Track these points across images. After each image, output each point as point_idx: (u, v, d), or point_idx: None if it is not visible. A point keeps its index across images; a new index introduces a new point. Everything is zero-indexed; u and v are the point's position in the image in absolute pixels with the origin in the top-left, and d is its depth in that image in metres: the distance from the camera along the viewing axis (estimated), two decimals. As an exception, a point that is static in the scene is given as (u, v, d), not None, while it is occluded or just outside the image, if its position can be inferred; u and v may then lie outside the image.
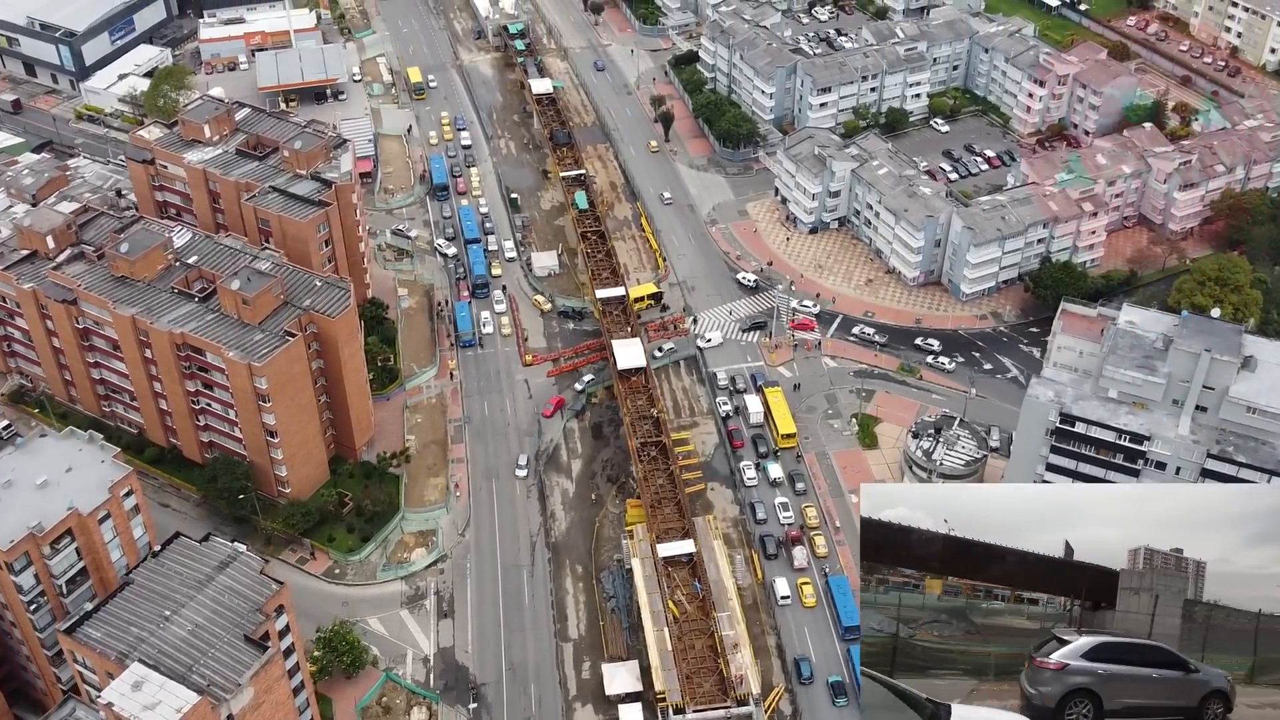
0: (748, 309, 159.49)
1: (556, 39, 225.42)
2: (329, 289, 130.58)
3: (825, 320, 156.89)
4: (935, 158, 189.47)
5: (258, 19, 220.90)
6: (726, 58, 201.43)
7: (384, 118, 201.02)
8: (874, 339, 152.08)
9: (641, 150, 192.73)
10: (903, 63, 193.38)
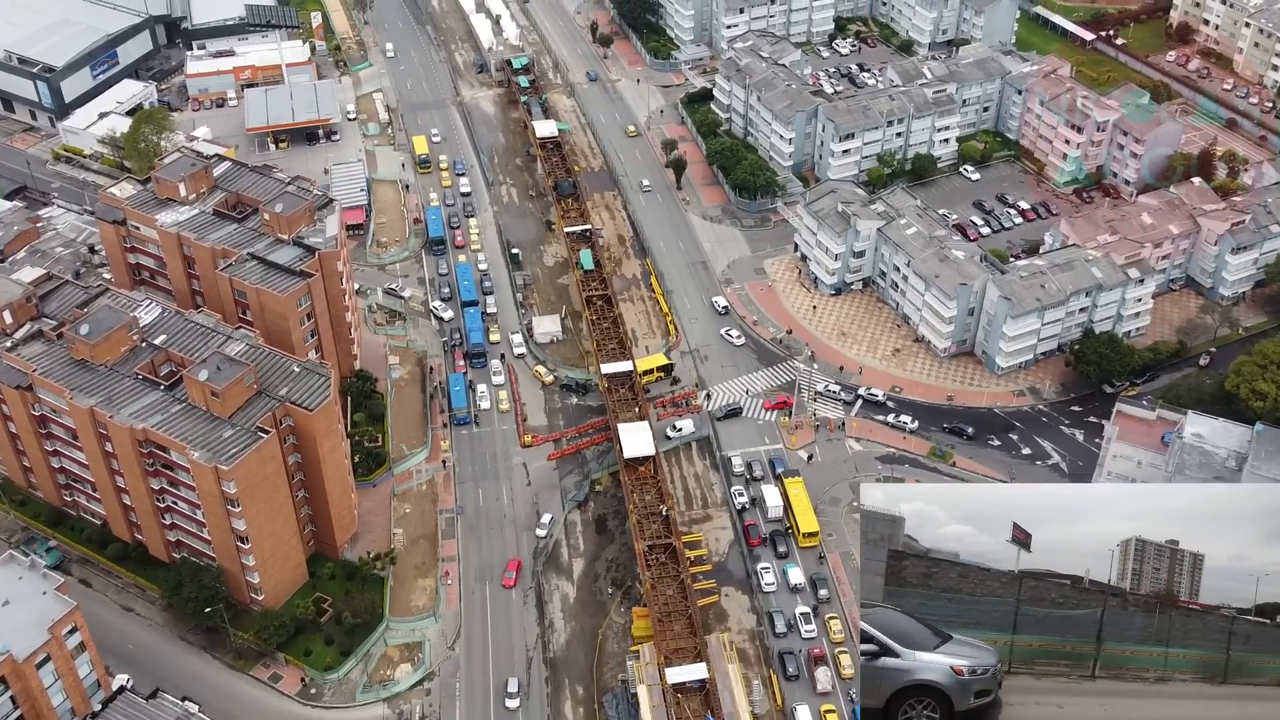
0: (765, 382, 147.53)
1: (563, 73, 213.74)
2: (308, 376, 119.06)
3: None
4: (965, 209, 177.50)
5: (248, 51, 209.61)
6: (743, 98, 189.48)
7: (379, 161, 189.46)
8: (904, 425, 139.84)
9: (651, 198, 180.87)
10: (931, 106, 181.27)
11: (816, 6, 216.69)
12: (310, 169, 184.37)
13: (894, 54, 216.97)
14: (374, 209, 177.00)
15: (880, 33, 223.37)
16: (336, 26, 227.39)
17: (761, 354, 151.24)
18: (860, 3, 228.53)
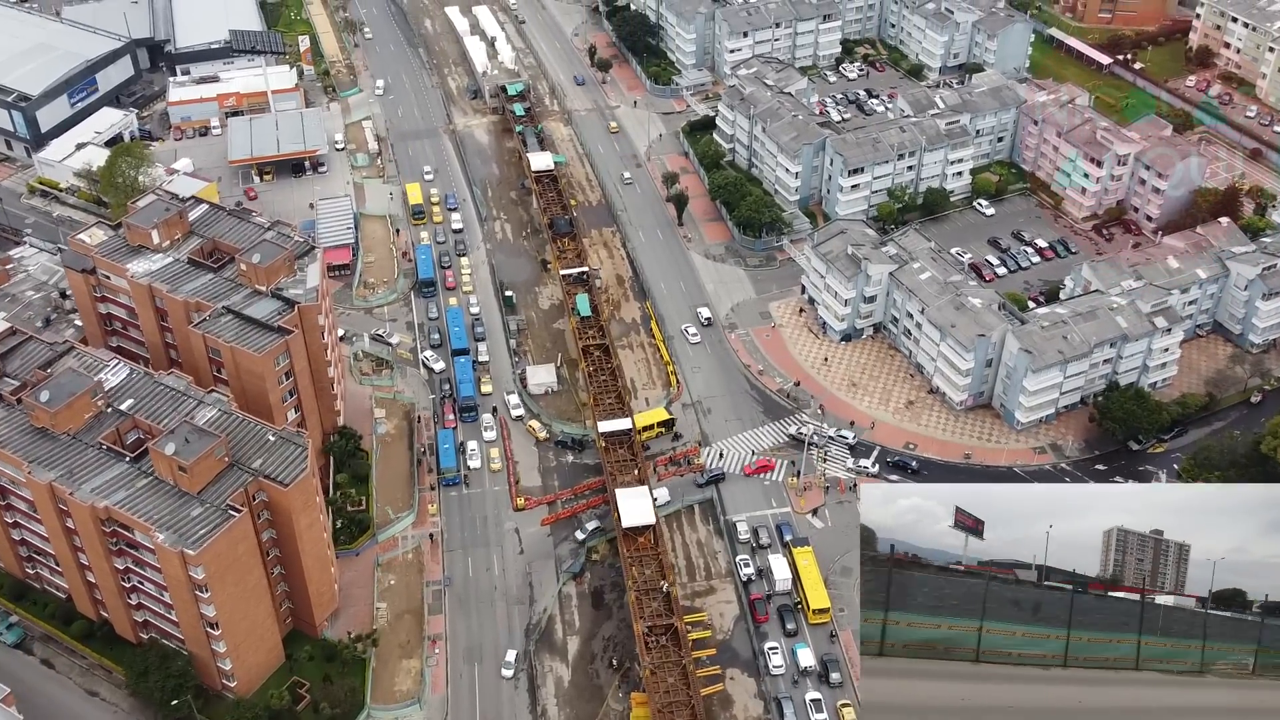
0: (771, 438, 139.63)
1: (560, 100, 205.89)
2: (284, 446, 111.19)
3: (862, 452, 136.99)
4: (980, 246, 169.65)
5: (233, 77, 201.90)
6: (747, 128, 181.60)
7: (367, 194, 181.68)
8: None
9: (652, 235, 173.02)
10: (943, 138, 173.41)
11: (822, 30, 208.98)
12: (296, 203, 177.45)
13: (903, 78, 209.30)
14: (361, 247, 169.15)
15: (889, 56, 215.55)
16: (326, 49, 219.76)
17: (768, 406, 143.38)
18: (868, 25, 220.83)
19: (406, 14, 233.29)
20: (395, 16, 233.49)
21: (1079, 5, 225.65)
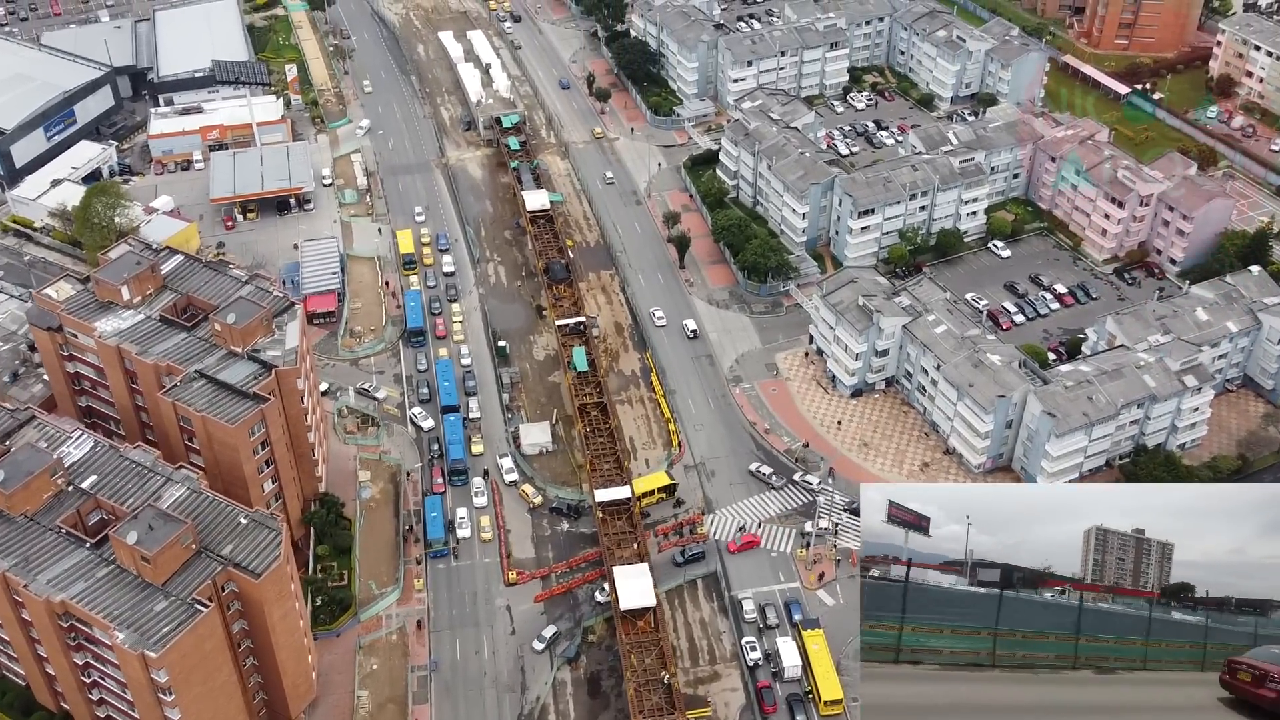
0: (778, 504, 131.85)
1: (557, 131, 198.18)
2: (256, 530, 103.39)
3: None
4: (996, 290, 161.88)
5: (217, 108, 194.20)
6: (751, 165, 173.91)
7: (355, 234, 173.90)
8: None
9: (652, 278, 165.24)
10: (957, 177, 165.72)
11: (829, 58, 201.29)
12: (280, 242, 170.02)
13: (913, 108, 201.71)
14: (348, 292, 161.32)
15: (898, 85, 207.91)
16: (315, 76, 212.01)
17: (776, 469, 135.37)
18: (876, 52, 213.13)
19: (399, 39, 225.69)
20: (386, 41, 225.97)
21: (1094, 31, 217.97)
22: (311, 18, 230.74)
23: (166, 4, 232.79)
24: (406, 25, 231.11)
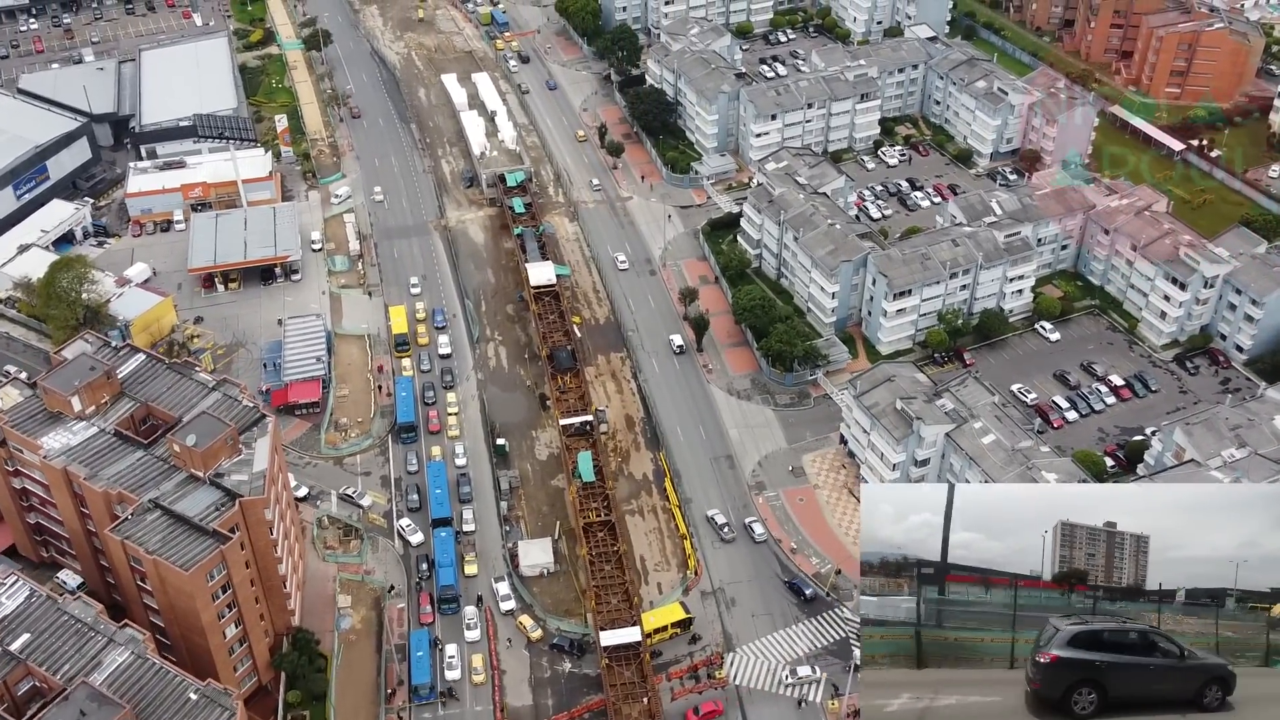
0: (807, 641, 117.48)
1: (565, 188, 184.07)
2: (207, 709, 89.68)
3: None
4: (1044, 380, 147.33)
5: (201, 163, 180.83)
6: (776, 235, 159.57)
7: (345, 307, 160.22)
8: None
9: (667, 363, 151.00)
10: (1002, 253, 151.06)
11: (860, 110, 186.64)
12: (263, 317, 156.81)
13: (950, 164, 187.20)
14: (334, 377, 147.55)
15: (933, 138, 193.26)
16: (308, 123, 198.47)
17: (804, 598, 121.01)
18: (909, 101, 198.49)
19: (399, 81, 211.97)
20: (386, 84, 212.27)
21: (1144, 78, 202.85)
22: (308, 57, 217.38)
23: (154, 42, 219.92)
24: (408, 66, 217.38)
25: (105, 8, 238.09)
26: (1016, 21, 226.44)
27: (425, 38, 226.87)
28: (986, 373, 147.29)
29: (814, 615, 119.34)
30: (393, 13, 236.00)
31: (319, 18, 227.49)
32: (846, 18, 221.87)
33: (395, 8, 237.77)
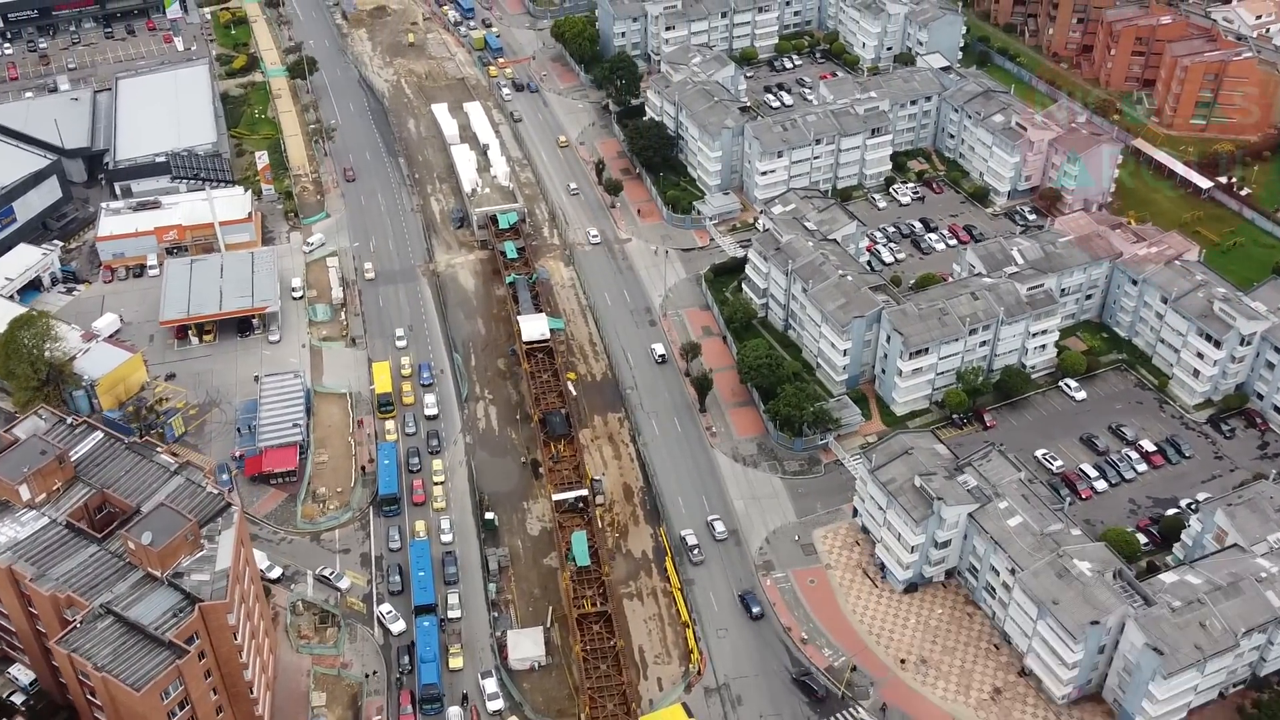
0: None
1: (561, 229, 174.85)
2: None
3: None
4: (1071, 445, 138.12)
5: (178, 202, 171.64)
6: (783, 285, 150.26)
7: (325, 363, 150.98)
8: None
9: (667, 424, 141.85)
10: (1024, 306, 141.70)
11: (870, 146, 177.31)
12: (238, 372, 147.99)
13: (965, 202, 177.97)
14: (312, 441, 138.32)
15: (948, 173, 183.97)
16: (291, 156, 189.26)
17: (815, 698, 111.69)
18: (922, 134, 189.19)
19: (388, 111, 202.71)
20: (374, 113, 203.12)
21: (1167, 109, 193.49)
22: (293, 85, 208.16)
23: (133, 69, 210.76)
24: (397, 95, 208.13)
25: (84, 31, 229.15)
26: (1032, 46, 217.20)
27: (416, 64, 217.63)
28: (1009, 436, 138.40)
29: (827, 717, 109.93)
30: (382, 37, 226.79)
31: (305, 43, 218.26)
32: (855, 43, 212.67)
33: (385, 31, 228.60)
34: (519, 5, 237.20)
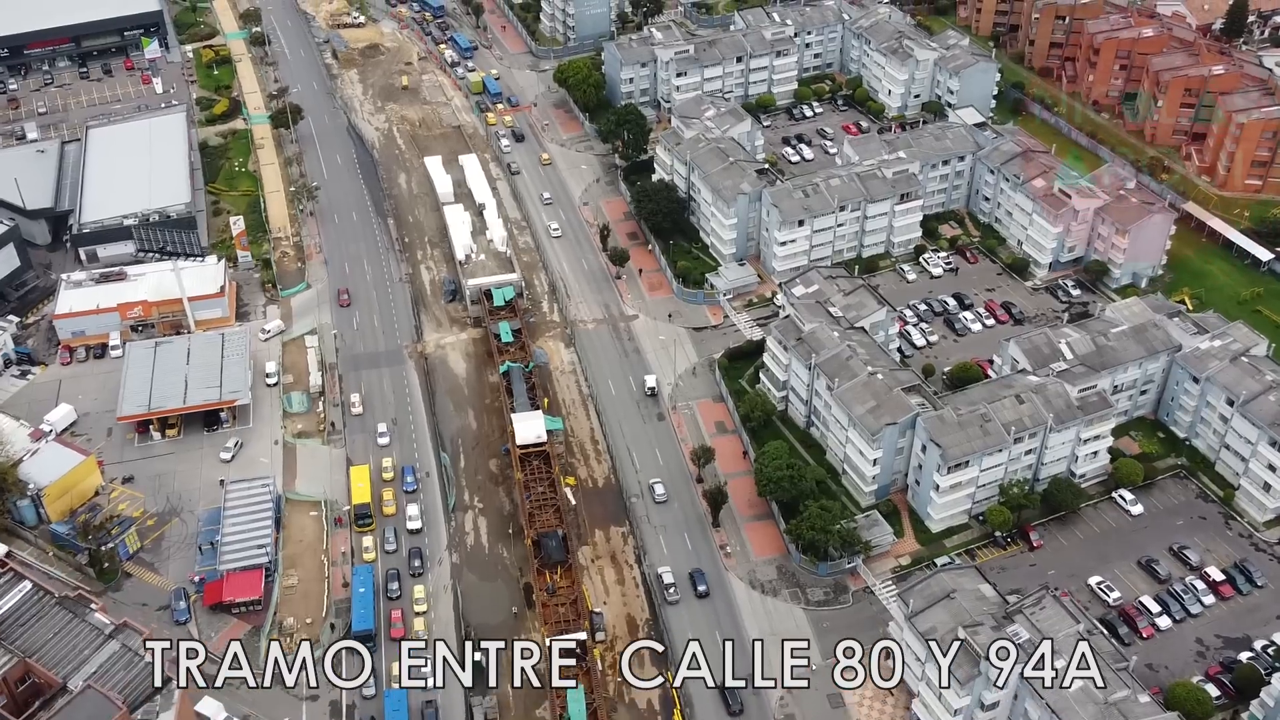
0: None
1: (561, 302, 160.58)
2: None
3: None
4: (1128, 569, 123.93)
5: (144, 274, 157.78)
6: (806, 380, 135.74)
7: (300, 463, 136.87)
8: None
9: (677, 542, 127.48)
10: (1075, 411, 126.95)
11: (899, 212, 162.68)
12: (203, 474, 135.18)
13: (1002, 274, 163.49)
14: (280, 560, 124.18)
15: (982, 240, 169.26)
16: (272, 215, 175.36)
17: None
18: (955, 195, 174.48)
19: (377, 164, 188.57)
20: (363, 165, 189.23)
21: (1219, 167, 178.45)
22: (276, 135, 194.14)
23: (106, 116, 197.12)
24: (388, 145, 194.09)
25: (57, 71, 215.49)
26: (1070, 93, 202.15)
27: (409, 109, 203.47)
28: (1058, 558, 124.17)
29: None
30: (374, 78, 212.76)
31: (292, 87, 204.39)
32: (880, 90, 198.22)
33: (377, 72, 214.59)
34: (521, 44, 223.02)
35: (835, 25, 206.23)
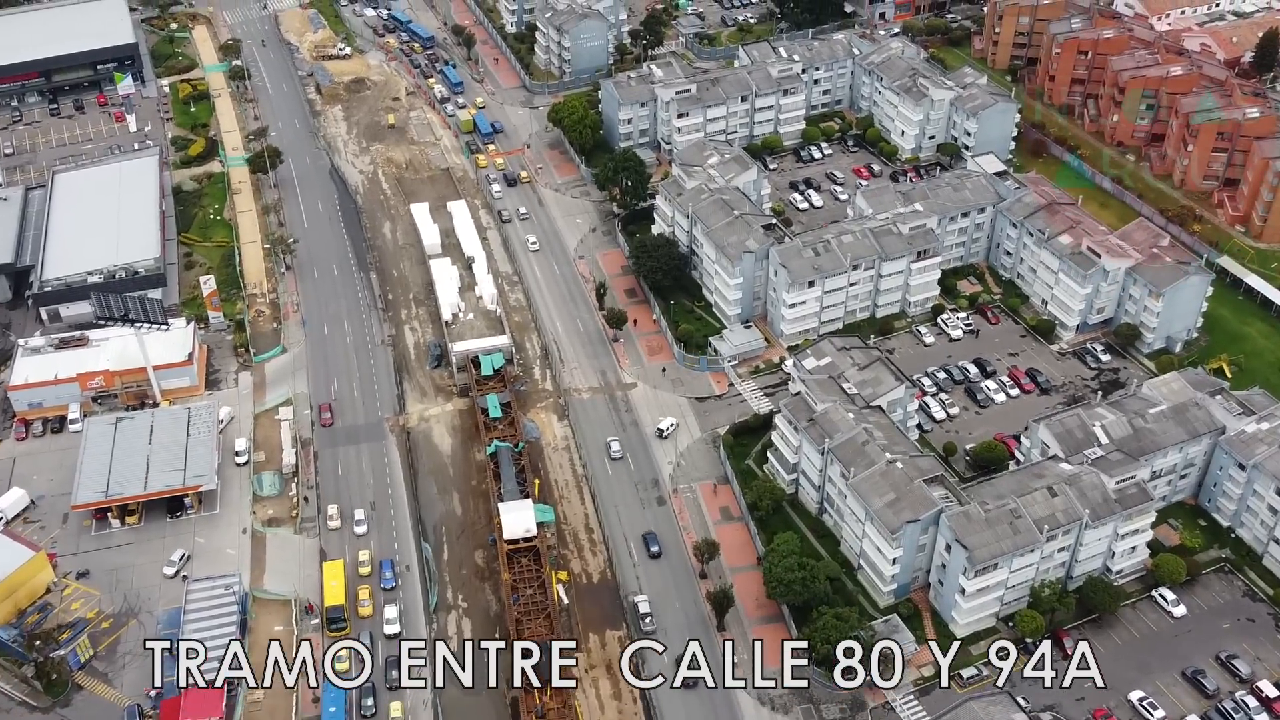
0: None
1: (554, 369, 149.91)
2: None
3: None
4: (1171, 682, 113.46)
5: (107, 339, 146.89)
6: (819, 465, 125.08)
7: (270, 554, 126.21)
8: None
9: (677, 647, 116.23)
10: (1113, 505, 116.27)
11: (916, 269, 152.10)
12: (166, 569, 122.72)
13: (1025, 336, 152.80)
14: (247, 673, 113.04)
15: (1004, 298, 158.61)
16: (248, 270, 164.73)
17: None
18: (974, 249, 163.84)
19: (360, 212, 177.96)
20: (345, 213, 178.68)
21: (1255, 217, 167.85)
22: (255, 179, 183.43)
23: (75, 159, 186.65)
24: (372, 190, 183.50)
25: (27, 108, 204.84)
26: (1093, 133, 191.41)
27: (395, 150, 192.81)
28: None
29: None
30: (359, 115, 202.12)
31: (273, 126, 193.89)
32: (893, 130, 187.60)
33: (363, 109, 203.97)
34: (514, 77, 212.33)
35: (845, 60, 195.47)
